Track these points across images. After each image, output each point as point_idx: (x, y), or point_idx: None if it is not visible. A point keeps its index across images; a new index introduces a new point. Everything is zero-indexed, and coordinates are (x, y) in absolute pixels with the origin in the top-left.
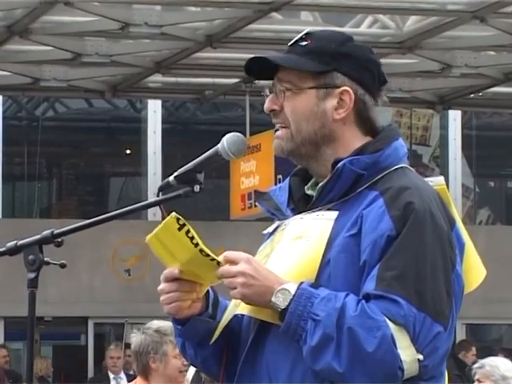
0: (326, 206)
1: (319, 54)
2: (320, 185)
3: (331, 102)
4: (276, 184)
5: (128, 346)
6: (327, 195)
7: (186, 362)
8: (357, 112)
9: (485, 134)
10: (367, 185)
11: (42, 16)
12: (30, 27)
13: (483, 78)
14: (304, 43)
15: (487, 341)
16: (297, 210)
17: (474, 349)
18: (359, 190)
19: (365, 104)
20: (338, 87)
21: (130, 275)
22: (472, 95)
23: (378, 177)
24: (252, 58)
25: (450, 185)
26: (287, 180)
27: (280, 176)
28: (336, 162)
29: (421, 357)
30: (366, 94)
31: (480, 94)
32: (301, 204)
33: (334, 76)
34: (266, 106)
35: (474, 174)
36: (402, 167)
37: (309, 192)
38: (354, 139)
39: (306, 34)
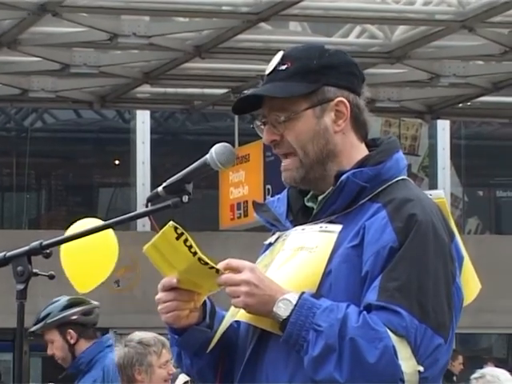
0: (327, 218)
1: (303, 74)
2: (322, 197)
3: (329, 116)
4: (265, 194)
5: None
6: (330, 207)
7: (171, 372)
8: (353, 118)
9: (474, 143)
10: (369, 197)
11: (30, 27)
12: (18, 38)
13: (472, 88)
14: (284, 67)
15: (477, 350)
16: (296, 222)
17: (460, 357)
18: (361, 202)
19: (359, 108)
20: (332, 100)
21: (119, 286)
22: (461, 105)
23: (380, 189)
24: (241, 98)
25: None
26: (285, 191)
27: (269, 186)
28: (338, 174)
29: (421, 368)
30: (356, 96)
31: (469, 103)
32: (300, 216)
33: (325, 90)
34: (266, 138)
35: (462, 184)
36: (403, 179)
37: (308, 204)
38: (354, 148)
39: (281, 58)
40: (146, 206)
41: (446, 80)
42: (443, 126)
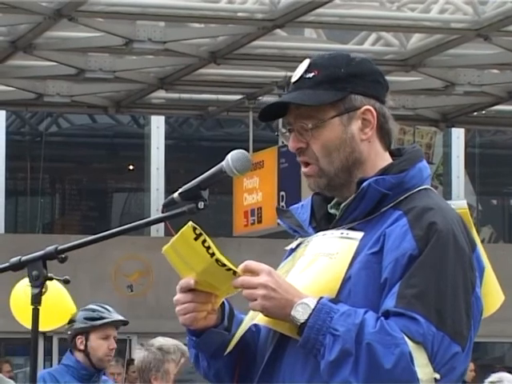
0: (349, 225)
1: (331, 82)
2: (344, 204)
3: (356, 125)
4: (279, 200)
5: (131, 362)
6: (351, 214)
7: None
8: (379, 126)
9: (488, 152)
10: (391, 205)
11: (45, 31)
12: (34, 42)
13: (486, 96)
14: (311, 75)
15: (489, 359)
16: (319, 229)
17: (472, 365)
18: (383, 209)
19: (384, 116)
20: (359, 108)
21: (132, 291)
22: (475, 113)
23: (402, 197)
24: (270, 104)
25: None
26: (309, 198)
27: (283, 192)
28: (361, 181)
29: (438, 376)
30: (382, 105)
31: (483, 112)
32: (323, 223)
33: (352, 98)
34: (292, 145)
35: (476, 192)
36: (425, 188)
37: (332, 211)
38: (378, 157)
39: (308, 65)
40: (162, 212)
41: (460, 88)
42: (458, 135)
